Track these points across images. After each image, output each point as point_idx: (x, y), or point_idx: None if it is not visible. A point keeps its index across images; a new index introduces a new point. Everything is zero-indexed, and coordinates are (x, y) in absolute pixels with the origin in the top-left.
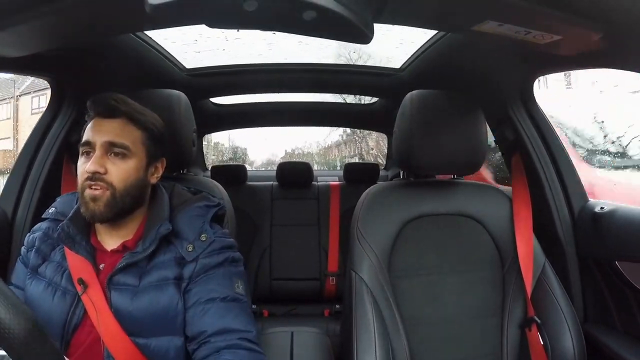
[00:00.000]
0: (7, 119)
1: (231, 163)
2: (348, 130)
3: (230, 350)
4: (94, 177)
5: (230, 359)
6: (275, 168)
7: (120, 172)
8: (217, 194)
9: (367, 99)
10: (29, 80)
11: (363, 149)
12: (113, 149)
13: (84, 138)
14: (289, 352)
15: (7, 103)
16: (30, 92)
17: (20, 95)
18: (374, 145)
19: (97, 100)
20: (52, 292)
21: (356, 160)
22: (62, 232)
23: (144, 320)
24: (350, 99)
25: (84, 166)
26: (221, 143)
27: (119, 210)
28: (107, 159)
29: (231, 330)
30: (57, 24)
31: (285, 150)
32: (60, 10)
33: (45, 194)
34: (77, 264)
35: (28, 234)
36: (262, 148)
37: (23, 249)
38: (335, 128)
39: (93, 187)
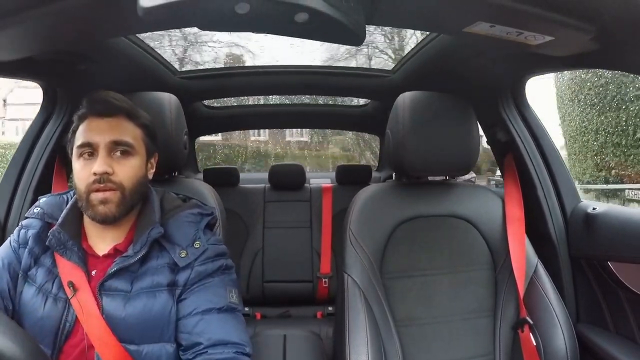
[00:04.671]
0: None
1: (223, 165)
2: None
3: None
4: (102, 178)
5: None
6: None
7: (127, 170)
8: (208, 196)
9: (359, 101)
10: None
11: None
12: (117, 148)
13: (83, 139)
14: (282, 355)
15: None
16: None
17: None
18: None
19: (95, 99)
20: (44, 299)
21: None
22: (53, 239)
23: (137, 326)
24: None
25: (87, 168)
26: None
27: (128, 208)
28: (112, 159)
29: (227, 342)
30: (50, 28)
31: None
32: (53, 13)
33: (37, 197)
34: (68, 270)
35: (19, 229)
36: None
37: (14, 243)
38: None
39: (101, 189)
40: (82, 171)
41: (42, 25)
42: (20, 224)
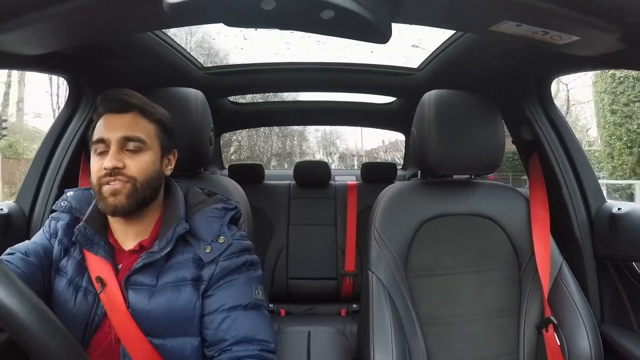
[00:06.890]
0: None
1: (248, 162)
2: None
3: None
4: (113, 172)
5: None
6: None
7: (138, 164)
8: (234, 192)
9: (385, 99)
10: None
11: None
12: (129, 144)
13: (97, 136)
14: (306, 351)
15: None
16: None
17: None
18: None
19: (107, 96)
20: (74, 292)
21: None
22: (79, 235)
23: (161, 320)
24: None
25: (100, 163)
26: None
27: (140, 201)
28: (124, 154)
29: (253, 340)
30: (76, 23)
31: None
32: (79, 8)
33: (62, 191)
34: (96, 264)
35: (49, 220)
36: None
37: (46, 233)
38: None
39: (112, 182)
40: (96, 165)
41: (68, 20)
42: (50, 216)
